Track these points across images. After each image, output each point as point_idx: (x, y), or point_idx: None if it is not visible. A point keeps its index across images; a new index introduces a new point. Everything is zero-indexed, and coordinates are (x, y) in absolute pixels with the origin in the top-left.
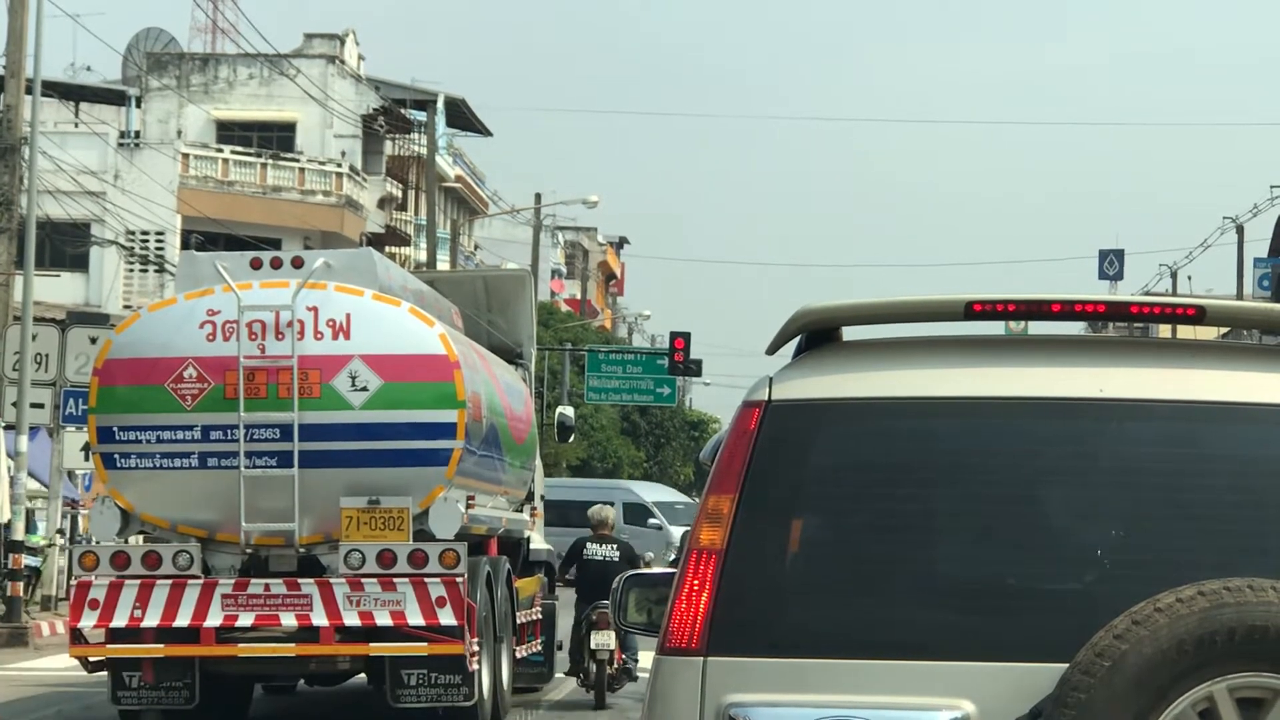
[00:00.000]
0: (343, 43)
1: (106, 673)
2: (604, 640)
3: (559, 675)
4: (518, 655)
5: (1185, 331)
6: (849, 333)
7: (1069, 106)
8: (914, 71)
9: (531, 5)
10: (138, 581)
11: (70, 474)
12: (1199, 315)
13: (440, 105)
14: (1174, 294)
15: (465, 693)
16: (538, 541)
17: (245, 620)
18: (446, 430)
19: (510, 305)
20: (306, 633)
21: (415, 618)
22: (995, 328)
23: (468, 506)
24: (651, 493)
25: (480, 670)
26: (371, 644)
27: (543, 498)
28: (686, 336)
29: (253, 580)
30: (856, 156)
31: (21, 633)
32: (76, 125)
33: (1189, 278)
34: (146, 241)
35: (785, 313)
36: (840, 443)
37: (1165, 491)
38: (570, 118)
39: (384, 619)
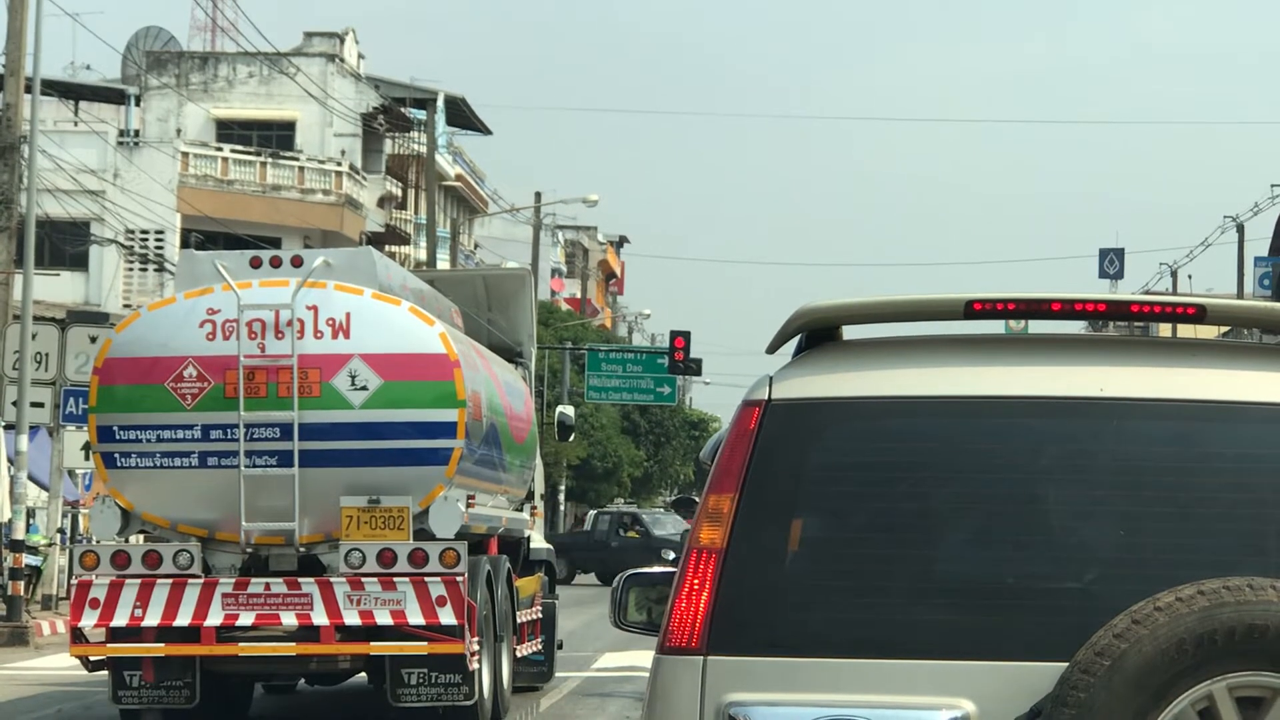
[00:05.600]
0: (342, 41)
1: (107, 672)
2: None
3: (559, 674)
4: (518, 654)
5: (1186, 331)
6: (849, 332)
7: (1069, 106)
8: (914, 71)
9: (531, 5)
10: (138, 581)
11: (70, 473)
12: (1199, 314)
13: (440, 104)
14: (1174, 293)
15: (465, 692)
16: (538, 540)
17: (246, 619)
18: (447, 429)
19: (510, 304)
20: (307, 632)
21: (415, 617)
22: (995, 327)
23: (468, 506)
24: None
25: (480, 669)
26: (372, 643)
27: (542, 496)
28: (686, 336)
29: (253, 579)
30: (857, 156)
31: (22, 632)
32: (76, 124)
33: (1189, 277)
34: (146, 240)
35: (785, 312)
36: (840, 442)
37: (1165, 491)
38: (570, 117)
39: (384, 618)
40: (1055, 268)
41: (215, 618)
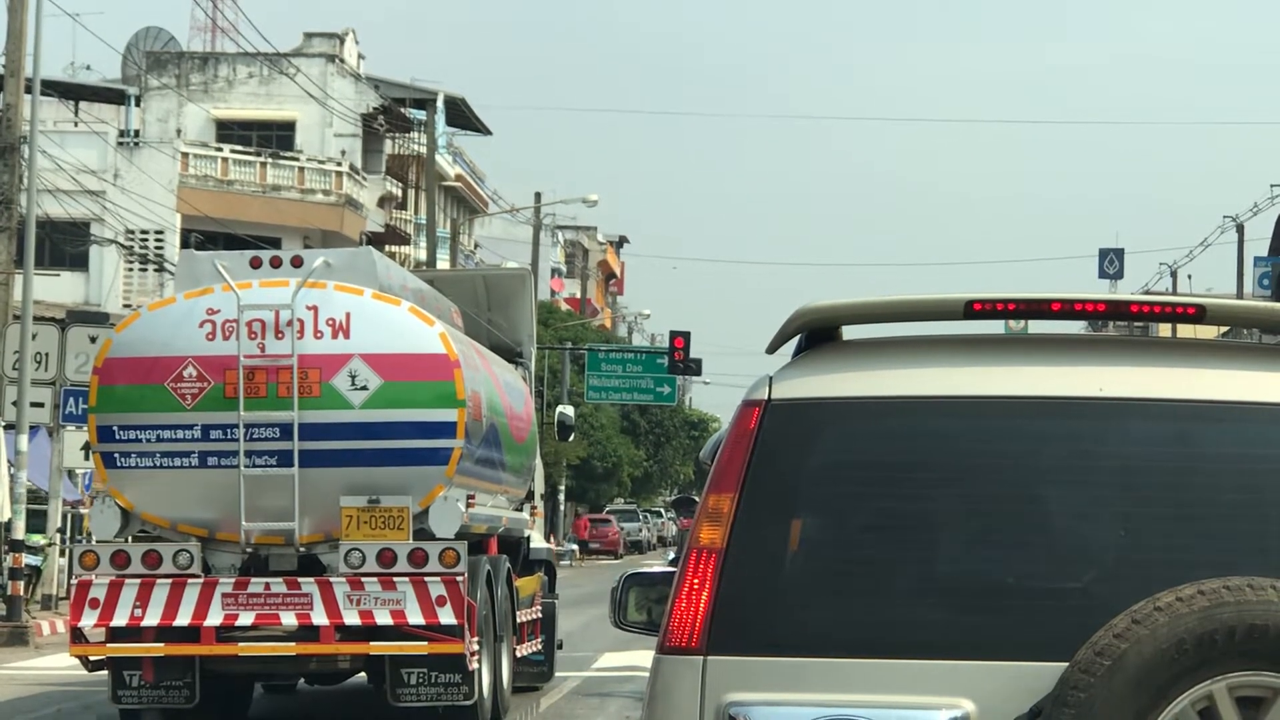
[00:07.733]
0: (342, 42)
1: (107, 672)
2: None
3: (559, 674)
4: (518, 654)
5: (1185, 331)
6: (849, 332)
7: (1069, 106)
8: (914, 71)
9: (531, 5)
10: (138, 580)
11: (70, 473)
12: (1199, 314)
13: (440, 104)
14: (1174, 293)
15: (465, 692)
16: (538, 540)
17: (245, 619)
18: (446, 429)
19: (510, 304)
20: (307, 632)
21: (415, 617)
22: (995, 327)
23: (468, 505)
24: None
25: (480, 669)
26: (372, 643)
27: (543, 496)
28: (686, 336)
29: (253, 579)
30: (857, 156)
31: (22, 632)
32: (76, 124)
33: (1189, 277)
34: (146, 240)
35: (785, 312)
36: (840, 442)
37: (1165, 491)
38: (570, 117)
39: (384, 618)
40: (1055, 268)
41: (215, 618)
